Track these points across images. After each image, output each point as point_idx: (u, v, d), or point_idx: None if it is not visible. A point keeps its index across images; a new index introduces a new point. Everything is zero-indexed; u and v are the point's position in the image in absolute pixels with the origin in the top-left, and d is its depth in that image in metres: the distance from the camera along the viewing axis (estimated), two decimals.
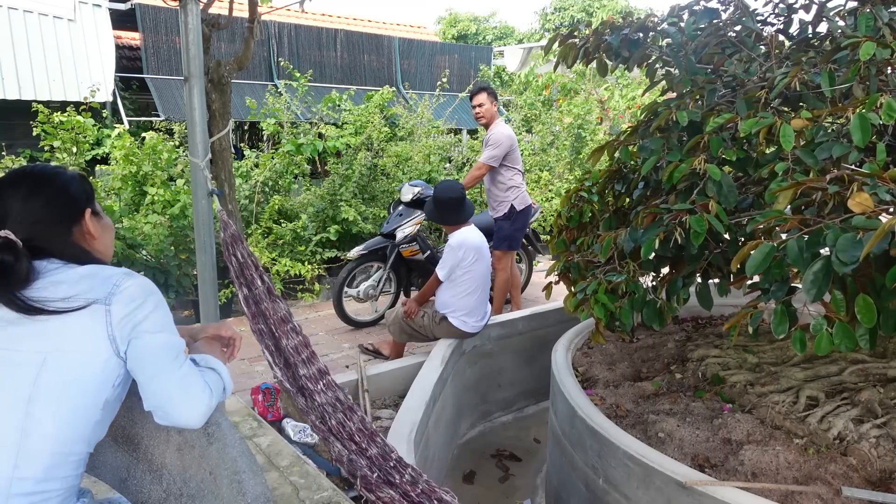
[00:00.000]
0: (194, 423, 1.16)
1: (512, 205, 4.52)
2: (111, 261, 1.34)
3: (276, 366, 2.23)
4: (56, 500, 1.11)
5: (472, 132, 9.96)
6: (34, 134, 5.16)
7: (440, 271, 3.44)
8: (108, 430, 1.27)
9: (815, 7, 2.41)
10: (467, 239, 3.41)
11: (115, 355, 1.13)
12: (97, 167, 5.85)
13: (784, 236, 1.49)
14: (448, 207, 3.49)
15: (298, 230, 5.53)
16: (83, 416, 1.12)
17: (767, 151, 1.99)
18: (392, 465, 2.01)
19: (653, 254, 1.88)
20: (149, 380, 1.15)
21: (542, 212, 6.88)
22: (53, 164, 5.03)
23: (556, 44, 2.76)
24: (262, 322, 2.29)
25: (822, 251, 1.38)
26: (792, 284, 1.56)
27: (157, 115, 7.96)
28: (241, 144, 7.09)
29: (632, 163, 2.46)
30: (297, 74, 7.76)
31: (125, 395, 1.24)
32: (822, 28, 2.44)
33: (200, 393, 1.17)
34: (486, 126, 4.61)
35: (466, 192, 3.74)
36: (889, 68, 1.87)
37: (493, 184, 4.57)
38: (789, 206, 1.58)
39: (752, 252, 1.48)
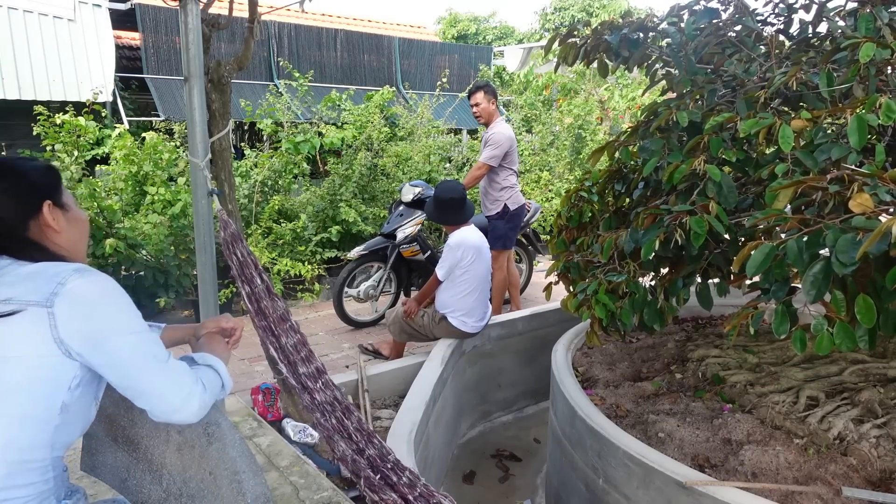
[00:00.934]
0: (190, 418, 1.13)
1: (505, 204, 4.53)
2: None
3: (280, 362, 2.23)
4: None
5: (472, 132, 9.96)
6: (34, 134, 5.17)
7: (439, 271, 3.44)
8: (109, 429, 1.27)
9: (815, 7, 2.41)
10: (466, 238, 3.41)
11: (67, 357, 1.06)
12: (97, 167, 5.86)
13: (784, 236, 1.49)
14: (449, 207, 3.49)
15: (298, 230, 5.53)
16: (37, 423, 1.06)
17: (767, 152, 1.99)
18: (389, 466, 2.01)
19: (653, 254, 1.88)
20: (134, 382, 1.10)
21: (542, 212, 6.89)
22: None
23: (556, 44, 2.76)
24: (263, 319, 2.30)
25: (821, 252, 1.38)
26: (792, 285, 1.56)
27: (157, 115, 7.96)
28: (242, 144, 7.10)
29: (632, 163, 2.46)
30: (298, 74, 7.76)
31: (100, 395, 1.19)
32: (822, 28, 2.44)
33: (192, 386, 1.13)
34: (486, 125, 4.61)
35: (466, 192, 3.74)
36: (889, 68, 1.87)
37: (488, 183, 4.57)
38: (789, 206, 1.58)
39: (752, 252, 1.48)
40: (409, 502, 1.86)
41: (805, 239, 1.40)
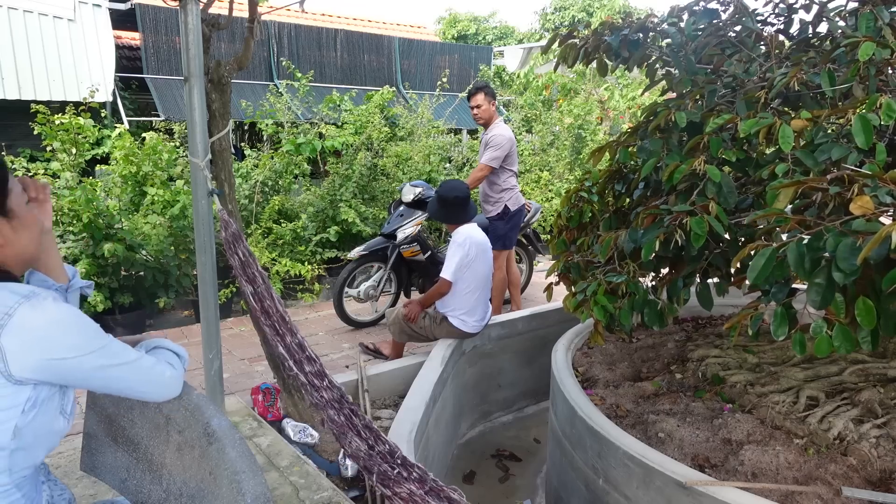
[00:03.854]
0: (171, 395, 1.22)
1: (506, 205, 4.53)
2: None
3: (289, 359, 2.23)
4: None
5: (472, 132, 9.96)
6: (35, 134, 5.17)
7: (447, 272, 3.35)
8: (109, 429, 1.26)
9: (815, 7, 2.41)
10: (471, 235, 3.41)
11: (16, 385, 0.99)
12: (97, 167, 5.86)
13: (784, 237, 1.49)
14: (453, 206, 3.48)
15: (298, 230, 5.53)
16: None
17: (767, 152, 1.99)
18: (399, 462, 2.01)
19: (653, 254, 1.88)
20: (109, 388, 1.13)
21: (542, 212, 6.88)
22: (55, 163, 5.03)
23: (556, 44, 2.76)
24: (268, 319, 2.30)
25: (823, 254, 1.38)
26: (793, 286, 1.56)
27: (157, 115, 7.97)
28: (242, 144, 7.10)
29: (632, 163, 2.46)
30: (299, 74, 7.76)
31: (67, 407, 1.14)
32: (823, 28, 2.44)
33: (161, 372, 1.19)
34: (485, 126, 4.60)
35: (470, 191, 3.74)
36: (889, 68, 1.86)
37: (488, 185, 4.57)
38: (790, 207, 1.58)
39: (752, 253, 1.48)
40: (421, 497, 1.86)
41: (805, 243, 1.40)
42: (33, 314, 0.99)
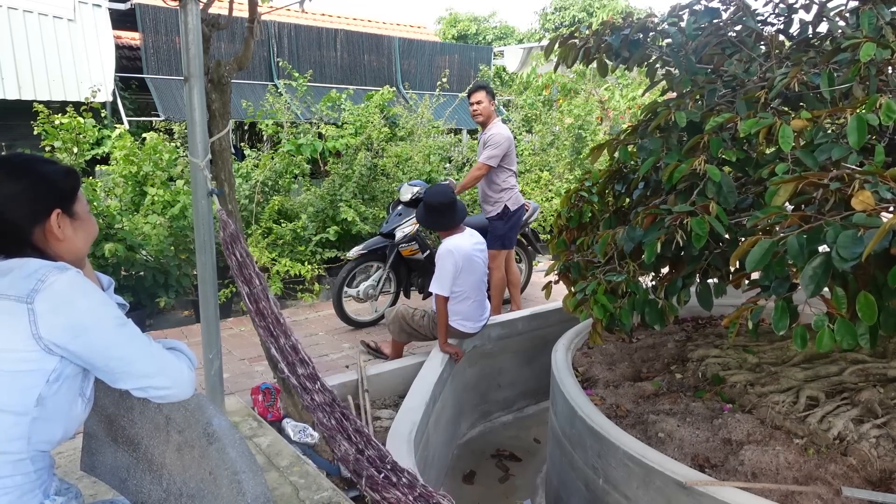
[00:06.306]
0: (184, 394, 1.20)
1: (506, 205, 4.52)
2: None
3: (281, 362, 2.24)
4: (5, 500, 1.08)
5: (472, 132, 9.96)
6: (35, 133, 5.17)
7: (437, 287, 3.28)
8: (109, 429, 1.26)
9: (815, 7, 2.41)
10: (458, 247, 3.30)
11: (45, 352, 1.07)
12: (97, 167, 5.86)
13: (784, 233, 1.49)
14: (439, 212, 3.40)
15: (298, 230, 5.53)
16: (12, 415, 1.06)
17: (767, 152, 1.99)
18: (389, 467, 2.01)
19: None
20: (123, 370, 1.13)
21: (541, 212, 6.88)
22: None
23: (557, 45, 2.76)
24: (262, 320, 2.30)
25: (822, 248, 1.38)
26: (793, 282, 1.56)
27: (157, 115, 7.96)
28: (242, 144, 7.10)
29: (632, 163, 2.46)
30: (297, 75, 7.76)
31: (87, 393, 1.19)
32: (823, 28, 2.44)
33: (178, 364, 1.20)
34: (484, 125, 4.60)
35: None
36: (889, 68, 1.87)
37: (487, 185, 4.56)
38: (790, 206, 1.58)
39: (750, 248, 1.47)
40: (410, 502, 1.86)
41: (806, 235, 1.40)
42: (60, 278, 1.09)
